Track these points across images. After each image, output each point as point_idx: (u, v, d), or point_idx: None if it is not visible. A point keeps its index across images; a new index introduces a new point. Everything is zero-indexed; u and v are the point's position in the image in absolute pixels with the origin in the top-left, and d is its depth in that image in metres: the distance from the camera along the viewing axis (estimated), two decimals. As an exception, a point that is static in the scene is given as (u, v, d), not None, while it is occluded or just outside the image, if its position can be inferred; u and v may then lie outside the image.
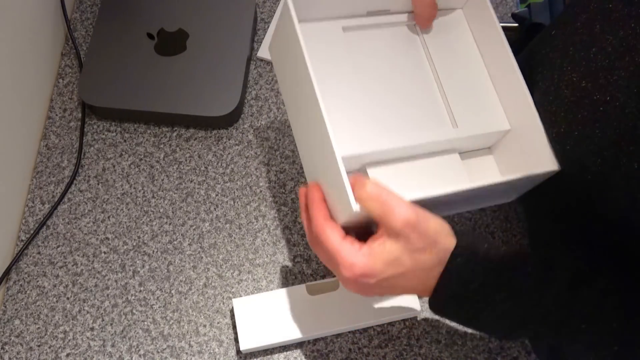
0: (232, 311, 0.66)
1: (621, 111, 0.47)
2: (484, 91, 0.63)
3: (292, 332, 0.62)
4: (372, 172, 0.59)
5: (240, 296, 0.66)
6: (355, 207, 0.50)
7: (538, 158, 0.58)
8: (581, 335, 0.50)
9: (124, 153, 0.73)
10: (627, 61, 0.47)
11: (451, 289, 0.51)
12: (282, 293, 0.64)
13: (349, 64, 0.61)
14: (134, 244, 0.69)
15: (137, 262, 0.68)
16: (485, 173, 0.64)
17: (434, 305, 0.53)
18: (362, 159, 0.59)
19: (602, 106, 0.49)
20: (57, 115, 0.75)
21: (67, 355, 0.65)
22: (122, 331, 0.65)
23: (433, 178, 0.61)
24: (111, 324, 0.66)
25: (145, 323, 0.66)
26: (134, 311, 0.66)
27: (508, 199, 0.65)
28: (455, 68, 0.64)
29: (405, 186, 0.59)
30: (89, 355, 0.64)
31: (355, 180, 0.50)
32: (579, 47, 0.53)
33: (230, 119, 0.74)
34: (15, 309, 0.66)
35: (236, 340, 0.65)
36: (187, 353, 0.65)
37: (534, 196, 0.60)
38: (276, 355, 0.64)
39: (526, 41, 0.70)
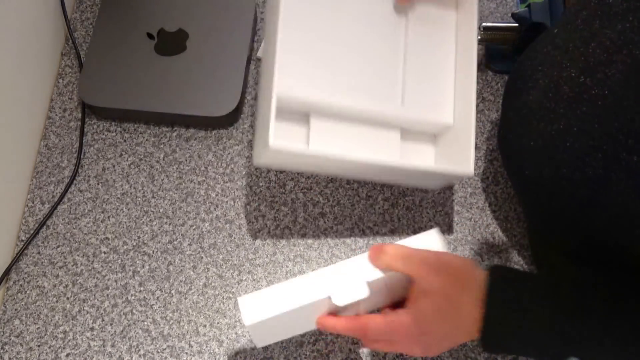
0: (232, 311, 0.66)
1: (619, 105, 0.48)
2: (443, 83, 0.66)
3: (295, 298, 0.56)
4: (314, 121, 0.63)
5: (240, 296, 0.66)
6: (272, 141, 0.54)
7: (460, 158, 0.62)
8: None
9: (124, 153, 0.73)
10: (625, 54, 0.48)
11: (497, 311, 0.50)
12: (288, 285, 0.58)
13: (324, 18, 0.64)
14: (134, 244, 0.69)
15: (137, 262, 0.68)
16: (418, 156, 0.68)
17: (487, 337, 0.51)
18: (306, 105, 0.62)
19: (601, 100, 0.49)
20: (57, 115, 0.75)
21: (67, 355, 0.65)
22: (122, 331, 0.65)
23: (367, 144, 0.65)
24: (111, 324, 0.66)
25: (145, 323, 0.66)
26: (134, 311, 0.66)
27: (432, 186, 0.70)
28: (426, 55, 0.67)
29: (339, 145, 0.64)
30: (89, 355, 0.64)
31: (375, 248, 0.54)
32: (579, 44, 0.53)
33: (230, 119, 0.74)
34: (15, 309, 0.66)
35: (236, 340, 0.65)
36: (187, 353, 0.65)
37: (534, 194, 0.60)
38: (276, 355, 0.64)
39: (526, 41, 0.70)
